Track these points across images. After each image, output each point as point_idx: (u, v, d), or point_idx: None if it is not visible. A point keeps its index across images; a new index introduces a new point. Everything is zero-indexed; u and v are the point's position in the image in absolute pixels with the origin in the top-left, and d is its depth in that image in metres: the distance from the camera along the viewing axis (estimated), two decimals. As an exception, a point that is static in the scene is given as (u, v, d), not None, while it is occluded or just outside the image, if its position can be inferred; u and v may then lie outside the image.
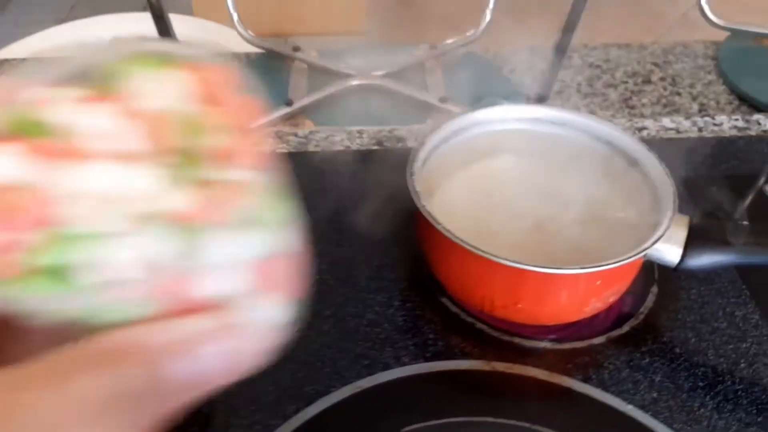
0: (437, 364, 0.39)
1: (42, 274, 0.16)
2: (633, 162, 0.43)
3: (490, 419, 0.37)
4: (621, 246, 0.41)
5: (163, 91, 0.19)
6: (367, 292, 0.43)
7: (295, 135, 0.57)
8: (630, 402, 0.37)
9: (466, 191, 0.44)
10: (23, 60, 1.06)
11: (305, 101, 0.85)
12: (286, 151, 0.55)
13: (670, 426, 0.36)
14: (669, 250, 0.38)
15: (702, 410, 0.37)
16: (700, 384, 0.38)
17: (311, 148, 0.56)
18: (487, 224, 0.43)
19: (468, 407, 0.37)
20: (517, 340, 0.41)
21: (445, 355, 0.40)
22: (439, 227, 0.38)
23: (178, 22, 1.19)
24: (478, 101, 0.88)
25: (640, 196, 0.43)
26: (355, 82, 0.88)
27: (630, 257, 0.36)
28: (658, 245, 0.37)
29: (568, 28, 0.74)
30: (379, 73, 0.91)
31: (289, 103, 0.85)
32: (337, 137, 0.57)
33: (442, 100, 0.85)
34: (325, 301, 0.42)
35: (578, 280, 0.37)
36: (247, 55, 1.06)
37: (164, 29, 0.66)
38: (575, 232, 0.43)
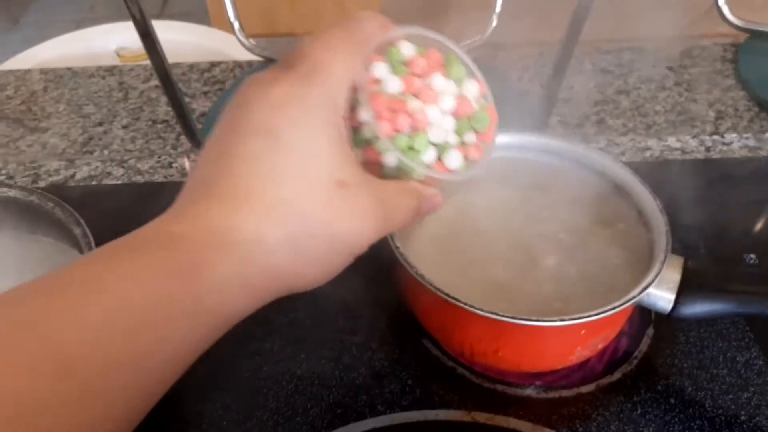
0: (414, 414, 0.37)
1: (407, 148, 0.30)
2: (625, 195, 0.41)
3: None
4: (616, 284, 0.39)
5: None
6: (343, 333, 0.41)
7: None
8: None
9: (446, 226, 0.42)
10: (28, 71, 1.06)
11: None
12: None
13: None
14: (661, 297, 0.35)
15: (697, 468, 0.34)
16: (699, 436, 0.36)
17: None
18: (468, 262, 0.41)
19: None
20: (500, 387, 0.38)
21: (424, 403, 0.38)
22: (412, 272, 0.35)
23: (181, 30, 1.18)
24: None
25: (634, 232, 0.40)
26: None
27: (615, 307, 0.34)
28: (649, 290, 0.35)
29: (573, 29, 0.71)
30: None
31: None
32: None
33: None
34: (299, 343, 0.41)
35: (561, 331, 0.35)
36: (250, 63, 1.05)
37: (151, 46, 0.65)
38: (565, 270, 0.40)
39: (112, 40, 1.11)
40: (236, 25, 0.97)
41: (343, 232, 0.26)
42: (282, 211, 0.25)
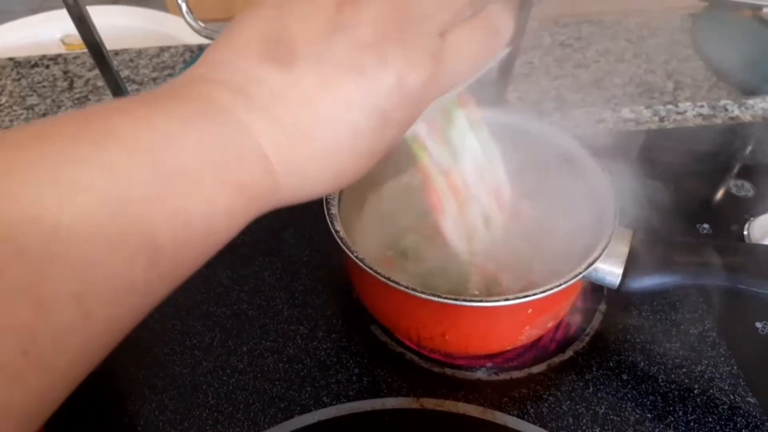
0: (361, 404, 0.36)
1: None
2: (577, 168, 0.39)
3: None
4: (567, 258, 0.38)
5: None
6: (289, 323, 0.39)
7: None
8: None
9: (395, 204, 0.40)
10: (-33, 61, 1.01)
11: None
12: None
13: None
14: (609, 272, 0.34)
15: (651, 444, 0.33)
16: (649, 416, 0.35)
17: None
18: (417, 240, 0.39)
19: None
20: (449, 371, 0.37)
21: (371, 392, 0.36)
22: (353, 256, 0.34)
23: (131, 14, 1.14)
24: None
25: (583, 205, 0.39)
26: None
27: (561, 284, 0.33)
28: (596, 265, 0.34)
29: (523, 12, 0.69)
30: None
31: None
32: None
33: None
34: (241, 335, 0.39)
35: (506, 311, 0.34)
36: (200, 47, 1.02)
37: (86, 30, 0.62)
38: (518, 245, 0.39)
39: (57, 27, 1.06)
40: (184, 6, 0.93)
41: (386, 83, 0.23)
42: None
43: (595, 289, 0.40)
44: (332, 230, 0.35)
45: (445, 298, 0.32)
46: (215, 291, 0.41)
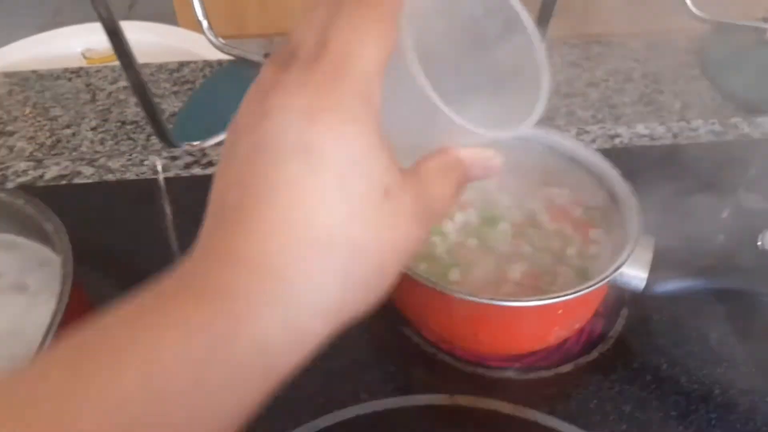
0: (397, 400, 0.37)
1: None
2: (598, 178, 0.41)
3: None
4: (593, 267, 0.40)
5: None
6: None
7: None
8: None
9: None
10: (-9, 74, 1.03)
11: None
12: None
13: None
14: (634, 276, 0.36)
15: (674, 442, 0.35)
16: (672, 413, 0.36)
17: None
18: (446, 248, 0.41)
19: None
20: (480, 370, 0.39)
21: (407, 389, 0.38)
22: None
23: (149, 30, 1.17)
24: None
25: (607, 215, 0.41)
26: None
27: (591, 286, 0.34)
28: (621, 270, 0.36)
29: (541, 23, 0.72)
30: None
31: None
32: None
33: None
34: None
35: (537, 312, 0.35)
36: (220, 62, 1.04)
37: (119, 46, 0.64)
38: (542, 254, 0.41)
39: (78, 42, 1.09)
40: (205, 23, 0.96)
41: (394, 246, 0.23)
42: (328, 239, 0.22)
43: (617, 296, 0.42)
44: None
45: (481, 298, 0.34)
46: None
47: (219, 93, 0.92)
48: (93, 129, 0.92)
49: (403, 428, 0.37)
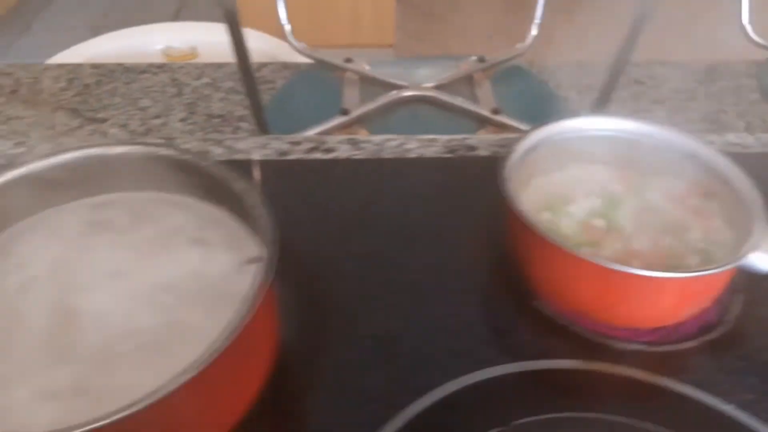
0: (538, 362, 0.40)
1: None
2: (717, 174, 0.45)
3: (592, 415, 0.38)
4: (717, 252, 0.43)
5: None
6: (459, 294, 0.44)
7: (370, 142, 0.59)
8: (730, 401, 0.38)
9: (540, 198, 0.46)
10: (79, 65, 1.08)
11: (360, 111, 0.87)
12: (362, 157, 0.57)
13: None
14: (761, 258, 0.39)
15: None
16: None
17: (385, 155, 0.58)
18: (572, 229, 0.44)
19: (570, 404, 0.38)
20: (611, 342, 0.42)
21: (544, 355, 0.41)
22: (540, 230, 0.39)
23: (209, 30, 1.21)
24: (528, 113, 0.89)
25: (725, 205, 0.44)
26: (407, 93, 0.90)
27: (730, 264, 0.38)
28: (753, 253, 0.39)
29: (628, 44, 0.76)
30: (430, 84, 0.93)
31: (344, 113, 0.87)
32: (409, 145, 0.59)
33: (495, 112, 0.87)
34: (422, 302, 0.44)
35: (677, 285, 0.39)
36: (297, 65, 1.09)
37: (239, 40, 0.68)
38: (663, 242, 0.44)
39: (159, 40, 1.14)
40: (288, 28, 1.00)
41: None
42: None
43: (732, 282, 0.45)
44: (514, 208, 0.41)
45: (626, 267, 0.37)
46: (397, 264, 0.46)
47: (301, 93, 0.96)
48: (182, 120, 0.96)
49: (546, 388, 0.40)
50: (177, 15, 2.70)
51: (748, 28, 1.01)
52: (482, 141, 0.59)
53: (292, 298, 0.43)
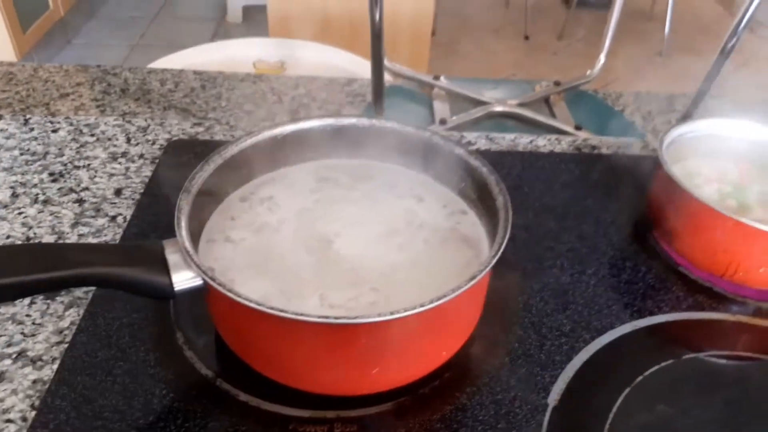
0: (693, 314, 0.48)
1: None
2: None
3: (745, 354, 0.46)
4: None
5: None
6: (615, 260, 0.52)
7: (504, 138, 0.68)
8: None
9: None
10: (182, 70, 1.17)
11: (457, 121, 0.96)
12: (499, 149, 0.66)
13: None
14: None
15: None
16: None
17: (520, 149, 0.66)
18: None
19: (725, 345, 0.46)
20: (749, 301, 0.50)
21: (696, 308, 0.49)
22: (694, 194, 0.48)
23: (295, 46, 1.31)
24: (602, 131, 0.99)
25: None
26: (498, 109, 1.00)
27: None
28: None
29: (709, 79, 0.86)
30: (514, 102, 1.03)
31: (443, 122, 0.96)
32: (540, 142, 0.67)
33: (577, 127, 0.96)
34: (583, 263, 0.52)
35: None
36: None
37: (378, 49, 0.77)
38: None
39: (249, 52, 1.23)
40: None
41: None
42: None
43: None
44: (671, 173, 0.49)
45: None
46: (553, 234, 0.55)
47: (393, 104, 1.05)
48: (288, 123, 1.04)
49: (704, 332, 0.48)
50: (212, 40, 2.81)
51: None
52: (602, 142, 0.68)
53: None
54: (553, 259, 0.52)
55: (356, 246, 0.43)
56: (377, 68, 0.83)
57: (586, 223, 0.56)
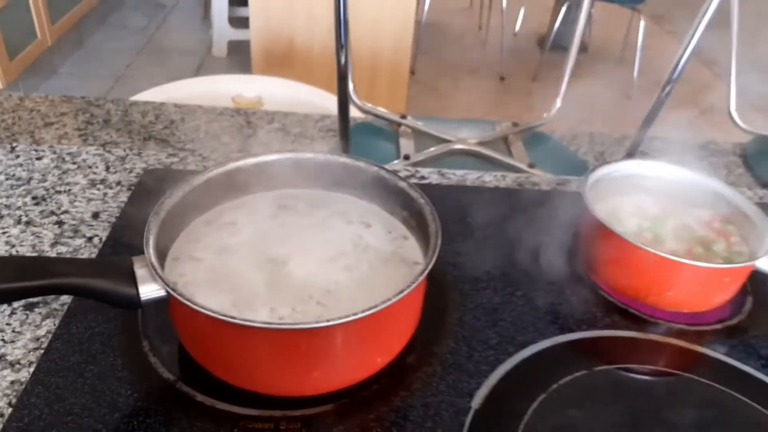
0: (608, 331, 0.54)
1: None
2: (734, 205, 0.61)
3: (651, 368, 0.52)
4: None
5: None
6: (543, 284, 0.59)
7: (454, 174, 0.74)
8: (746, 364, 0.53)
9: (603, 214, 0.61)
10: (163, 103, 1.23)
11: (419, 157, 1.03)
12: (448, 183, 0.72)
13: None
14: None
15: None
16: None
17: (468, 183, 0.73)
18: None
19: (634, 360, 0.52)
20: (660, 321, 0.56)
21: (611, 327, 0.55)
22: (611, 227, 0.54)
23: (272, 83, 1.38)
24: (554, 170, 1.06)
25: (742, 228, 0.60)
26: (458, 146, 1.07)
27: (746, 262, 0.53)
28: (763, 258, 0.54)
29: (647, 123, 0.94)
30: (474, 140, 1.10)
31: (406, 158, 1.03)
32: (486, 178, 0.74)
33: (530, 165, 1.04)
34: (514, 286, 0.58)
35: (718, 274, 0.53)
36: (354, 119, 1.25)
37: (344, 89, 0.84)
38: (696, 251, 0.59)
39: (227, 89, 1.30)
40: (351, 86, 1.17)
41: None
42: None
43: (746, 286, 0.60)
44: (592, 210, 0.56)
45: (688, 259, 0.52)
46: (490, 259, 0.61)
47: (361, 140, 1.12)
48: (262, 155, 1.10)
49: (617, 348, 0.53)
50: (197, 73, 2.89)
51: (735, 116, 1.21)
52: (542, 179, 0.75)
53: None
54: (488, 282, 0.58)
55: (307, 266, 0.49)
56: (343, 108, 0.90)
57: (521, 252, 0.62)
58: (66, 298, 0.52)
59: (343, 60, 0.83)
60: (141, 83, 1.32)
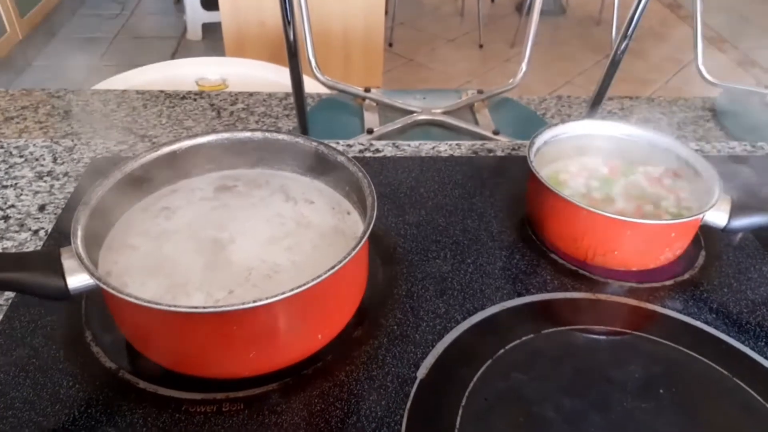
0: (558, 294, 0.54)
1: None
2: (685, 161, 0.60)
3: (600, 327, 0.52)
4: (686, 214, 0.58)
5: None
6: (493, 250, 0.58)
7: (409, 145, 0.73)
8: (697, 319, 0.52)
9: (551, 177, 0.61)
10: (124, 91, 1.22)
11: (382, 130, 1.02)
12: (403, 156, 0.71)
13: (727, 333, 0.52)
14: (718, 216, 0.54)
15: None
16: (745, 311, 0.54)
17: (422, 154, 0.72)
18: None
19: (583, 320, 0.52)
20: (610, 281, 0.56)
21: (561, 289, 0.55)
22: (555, 189, 0.54)
23: (237, 64, 1.36)
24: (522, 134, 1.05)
25: (692, 183, 0.59)
26: (422, 117, 1.06)
27: (694, 216, 0.53)
28: (710, 212, 0.54)
29: (603, 85, 0.93)
30: (438, 110, 1.09)
31: (369, 131, 1.02)
32: (441, 148, 0.73)
33: (495, 132, 1.03)
34: (464, 253, 0.57)
35: (659, 231, 0.53)
36: (319, 95, 1.24)
37: (295, 66, 0.83)
38: (645, 209, 0.59)
39: (191, 72, 1.28)
40: (313, 62, 1.16)
41: None
42: None
43: (696, 242, 0.60)
44: (536, 174, 0.55)
45: (630, 217, 0.51)
46: (441, 229, 0.60)
47: (326, 116, 1.11)
48: (224, 138, 1.09)
49: (565, 310, 0.53)
50: (173, 58, 2.85)
51: (702, 69, 1.20)
52: (498, 145, 0.74)
53: (371, 252, 0.56)
54: (438, 251, 0.57)
55: (247, 248, 0.49)
56: (297, 85, 0.89)
57: (471, 219, 0.61)
58: (10, 294, 0.52)
59: (291, 36, 0.82)
60: (117, 71, 1.29)
